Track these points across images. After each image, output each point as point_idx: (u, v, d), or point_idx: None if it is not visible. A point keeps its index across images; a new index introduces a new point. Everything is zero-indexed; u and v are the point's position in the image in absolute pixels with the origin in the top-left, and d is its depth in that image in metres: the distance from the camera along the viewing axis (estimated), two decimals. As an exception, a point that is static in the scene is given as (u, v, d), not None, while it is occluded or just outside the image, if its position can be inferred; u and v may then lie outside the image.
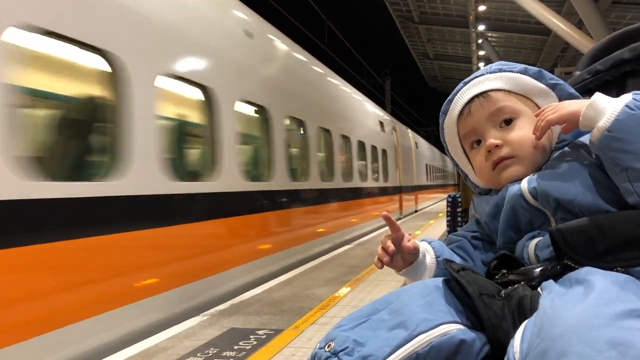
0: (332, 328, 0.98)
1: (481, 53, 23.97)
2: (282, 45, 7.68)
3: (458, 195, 7.88)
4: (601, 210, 1.03)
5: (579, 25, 13.75)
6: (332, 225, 9.15)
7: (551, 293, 0.88)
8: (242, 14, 6.36)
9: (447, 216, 9.21)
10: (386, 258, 1.17)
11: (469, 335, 0.91)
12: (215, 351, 3.42)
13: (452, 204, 8.83)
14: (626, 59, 1.37)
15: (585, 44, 12.19)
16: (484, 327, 0.92)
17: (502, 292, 0.96)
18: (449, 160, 1.40)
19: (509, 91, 1.22)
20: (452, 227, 8.72)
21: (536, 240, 1.09)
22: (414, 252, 1.18)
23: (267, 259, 6.17)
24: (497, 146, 1.19)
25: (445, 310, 0.94)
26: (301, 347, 3.47)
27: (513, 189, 1.14)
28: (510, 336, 0.86)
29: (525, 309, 0.91)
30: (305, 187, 7.76)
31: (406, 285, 1.08)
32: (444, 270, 1.07)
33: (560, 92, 1.23)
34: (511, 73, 1.24)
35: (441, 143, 1.35)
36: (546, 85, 1.23)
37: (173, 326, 4.05)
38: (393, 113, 30.13)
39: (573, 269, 0.94)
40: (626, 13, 15.56)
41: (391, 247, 1.16)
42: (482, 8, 17.95)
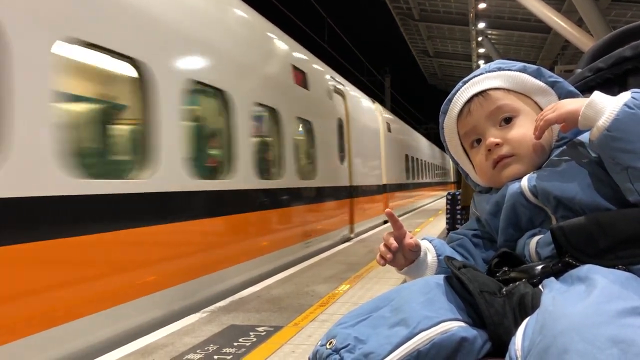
0: (334, 325, 0.98)
1: (481, 51, 23.93)
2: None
3: (458, 192, 7.88)
4: (602, 207, 1.03)
5: (579, 23, 13.73)
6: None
7: (553, 290, 0.88)
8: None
9: (447, 214, 9.24)
10: (389, 255, 1.17)
11: (470, 332, 0.92)
12: (214, 348, 3.43)
13: (452, 202, 8.85)
14: (627, 57, 1.36)
15: (585, 42, 12.18)
16: (485, 325, 0.92)
17: (504, 290, 0.96)
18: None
19: (508, 90, 1.22)
20: (452, 225, 8.75)
21: (537, 237, 1.10)
22: (416, 250, 1.18)
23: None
24: (497, 145, 1.19)
25: (446, 307, 0.94)
26: (301, 344, 3.48)
27: (513, 187, 1.14)
28: (511, 333, 0.86)
29: (526, 307, 0.92)
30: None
31: (407, 282, 1.08)
32: (445, 268, 1.07)
33: (559, 90, 1.22)
34: (510, 71, 1.24)
35: (440, 140, 1.36)
36: (545, 83, 1.23)
37: (172, 323, 4.05)
38: (393, 110, 29.74)
39: (574, 267, 0.95)
40: (626, 11, 15.55)
41: (394, 245, 1.16)
42: (482, 6, 17.92)
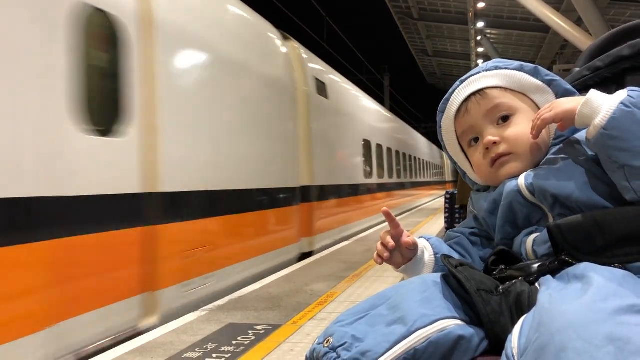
0: (331, 323, 0.98)
1: (480, 50, 23.93)
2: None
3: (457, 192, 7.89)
4: (598, 205, 1.03)
5: (578, 22, 13.74)
6: None
7: (549, 288, 0.88)
8: None
9: (445, 212, 9.24)
10: (386, 254, 1.17)
11: (467, 330, 0.92)
12: (213, 346, 3.43)
13: (450, 201, 8.86)
14: (625, 56, 1.36)
15: (584, 41, 12.19)
16: (482, 323, 0.93)
17: (500, 288, 0.96)
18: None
19: (506, 88, 1.22)
20: (450, 224, 8.75)
21: (534, 236, 1.10)
22: (413, 249, 1.18)
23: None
24: (495, 143, 1.19)
25: (443, 305, 0.94)
26: (299, 343, 3.48)
27: (510, 185, 1.14)
28: (508, 331, 0.86)
29: (523, 305, 0.92)
30: None
31: (404, 280, 1.08)
32: (443, 266, 1.07)
33: (556, 89, 1.23)
34: (507, 70, 1.24)
35: (437, 139, 1.36)
36: (542, 81, 1.23)
37: (171, 321, 4.06)
38: (392, 109, 29.58)
39: (571, 265, 0.94)
40: (625, 10, 15.56)
41: (391, 243, 1.16)
42: (481, 5, 17.93)
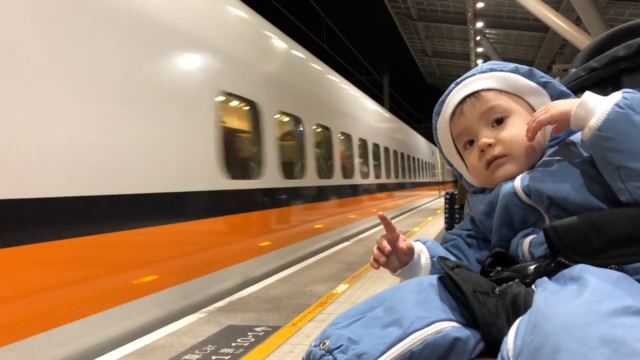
0: (327, 326, 0.98)
1: (479, 50, 23.95)
2: None
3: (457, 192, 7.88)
4: (594, 207, 1.03)
5: (577, 22, 13.76)
6: None
7: (545, 290, 0.88)
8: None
9: (445, 213, 9.22)
10: (382, 258, 1.17)
11: (463, 332, 0.92)
12: (213, 348, 3.43)
13: (450, 201, 8.84)
14: (621, 57, 1.37)
15: (583, 41, 12.19)
16: (478, 325, 0.93)
17: (497, 290, 0.96)
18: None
19: (501, 90, 1.23)
20: (450, 224, 8.74)
21: (530, 237, 1.10)
22: (409, 253, 1.18)
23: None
24: (490, 145, 1.19)
25: (439, 307, 0.94)
26: (299, 344, 3.48)
27: (506, 187, 1.14)
28: (504, 333, 0.86)
29: (519, 306, 0.92)
30: None
31: (401, 282, 1.08)
32: (439, 269, 1.07)
33: (551, 90, 1.23)
34: (502, 72, 1.24)
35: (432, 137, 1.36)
36: (537, 83, 1.23)
37: (171, 323, 4.05)
38: (391, 110, 29.46)
39: (567, 266, 0.95)
40: (624, 10, 15.58)
41: (387, 248, 1.16)
42: (480, 5, 17.96)
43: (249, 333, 3.76)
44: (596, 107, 1.00)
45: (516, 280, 0.98)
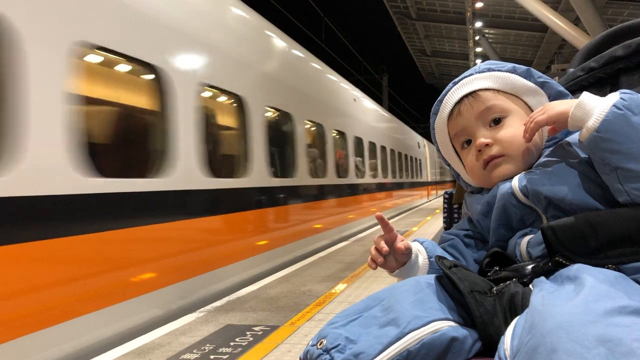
0: (325, 325, 0.98)
1: (478, 50, 23.97)
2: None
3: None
4: (591, 207, 1.03)
5: (576, 22, 13.79)
6: None
7: (542, 290, 0.88)
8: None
9: (444, 212, 9.22)
10: (380, 259, 1.17)
11: (461, 332, 0.92)
12: (211, 347, 3.43)
13: (449, 200, 8.84)
14: (619, 56, 1.37)
15: (582, 41, 12.22)
16: (476, 324, 0.93)
17: (494, 289, 0.96)
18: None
19: (498, 90, 1.23)
20: (449, 224, 8.73)
21: (528, 237, 1.10)
22: (407, 253, 1.18)
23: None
24: (487, 145, 1.19)
25: (436, 307, 0.94)
26: (297, 344, 3.48)
27: (504, 187, 1.14)
28: (501, 333, 0.86)
29: (516, 306, 0.92)
30: None
31: (398, 281, 1.08)
32: (437, 270, 1.07)
33: (549, 90, 1.23)
34: (500, 72, 1.24)
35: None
36: (534, 83, 1.23)
37: (169, 323, 4.05)
38: (390, 109, 29.29)
39: (564, 266, 0.95)
40: (623, 9, 15.59)
41: (385, 248, 1.16)
42: (479, 5, 17.98)
43: (248, 332, 3.75)
44: (594, 108, 1.00)
45: (514, 279, 0.98)
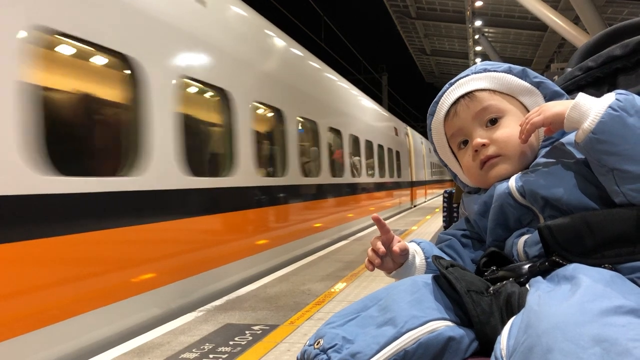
0: (322, 325, 0.99)
1: (478, 49, 23.96)
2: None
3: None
4: (588, 207, 1.03)
5: (576, 21, 13.78)
6: None
7: (538, 290, 0.88)
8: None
9: (444, 211, 9.23)
10: (377, 260, 1.17)
11: (458, 332, 0.92)
12: (210, 347, 3.43)
13: (449, 199, 8.85)
14: (617, 56, 1.36)
15: (581, 40, 12.22)
16: (472, 324, 0.93)
17: (491, 289, 0.96)
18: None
19: (494, 90, 1.23)
20: (449, 223, 8.74)
21: (525, 237, 1.10)
22: (404, 254, 1.18)
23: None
24: (484, 145, 1.19)
25: (433, 307, 0.94)
26: (297, 343, 3.48)
27: (501, 188, 1.15)
28: (498, 332, 0.86)
29: (513, 306, 0.92)
30: None
31: (395, 282, 1.08)
32: (434, 270, 1.08)
33: (545, 90, 1.23)
34: (496, 73, 1.24)
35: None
36: (530, 83, 1.24)
37: (168, 322, 4.05)
38: (390, 109, 29.26)
39: (561, 266, 0.95)
40: (622, 9, 15.59)
41: (382, 249, 1.16)
42: (479, 4, 17.98)
43: (247, 331, 3.76)
44: (590, 110, 1.00)
45: (510, 279, 0.99)
